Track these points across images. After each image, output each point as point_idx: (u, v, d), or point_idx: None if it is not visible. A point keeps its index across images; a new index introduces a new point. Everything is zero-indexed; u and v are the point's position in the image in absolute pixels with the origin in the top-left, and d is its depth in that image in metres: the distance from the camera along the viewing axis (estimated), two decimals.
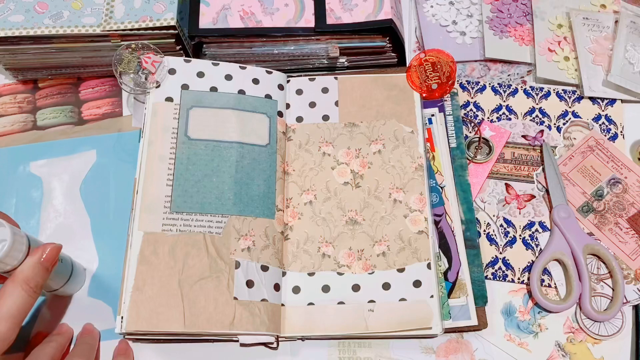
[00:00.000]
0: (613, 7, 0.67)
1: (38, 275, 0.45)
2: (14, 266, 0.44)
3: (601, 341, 0.54)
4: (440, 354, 0.54)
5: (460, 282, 0.54)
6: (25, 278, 0.44)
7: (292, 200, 0.57)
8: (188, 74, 0.59)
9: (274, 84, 0.61)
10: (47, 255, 0.46)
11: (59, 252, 0.47)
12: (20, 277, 0.44)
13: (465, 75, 0.65)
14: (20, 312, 0.43)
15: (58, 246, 0.47)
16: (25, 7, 0.59)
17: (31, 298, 0.44)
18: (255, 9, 0.61)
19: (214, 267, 0.52)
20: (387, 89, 0.61)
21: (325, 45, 0.62)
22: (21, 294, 0.43)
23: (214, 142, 0.56)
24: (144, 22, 0.58)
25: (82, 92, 0.65)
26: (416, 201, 0.56)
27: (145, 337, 0.52)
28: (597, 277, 0.56)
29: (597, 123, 0.62)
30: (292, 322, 0.52)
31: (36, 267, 0.45)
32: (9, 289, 0.44)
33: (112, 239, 0.57)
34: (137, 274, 0.50)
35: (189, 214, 0.53)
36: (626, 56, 0.63)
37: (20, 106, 0.65)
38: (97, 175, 0.60)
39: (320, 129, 0.60)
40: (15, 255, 0.44)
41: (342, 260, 0.54)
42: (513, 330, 0.55)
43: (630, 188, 0.59)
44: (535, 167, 0.61)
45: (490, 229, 0.58)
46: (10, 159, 0.61)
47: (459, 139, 0.60)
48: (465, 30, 0.67)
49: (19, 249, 0.44)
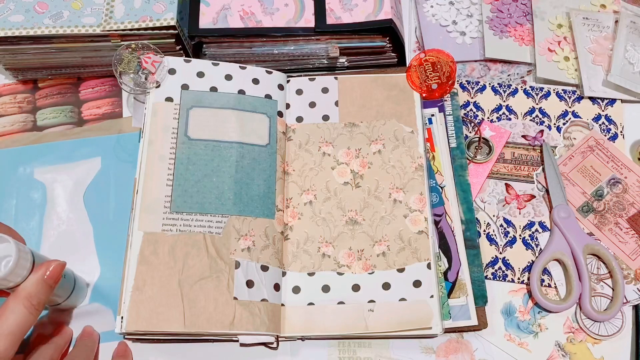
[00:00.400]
0: (613, 7, 0.67)
1: (41, 292, 0.44)
2: (17, 283, 0.44)
3: (601, 341, 0.54)
4: (440, 354, 0.54)
5: (460, 282, 0.54)
6: (28, 295, 0.43)
7: (292, 200, 0.57)
8: (188, 74, 0.59)
9: (274, 84, 0.61)
10: (51, 272, 0.45)
11: (63, 270, 0.46)
12: (22, 294, 0.43)
13: (465, 75, 0.65)
14: (21, 329, 0.43)
15: (62, 263, 0.46)
16: (25, 7, 0.59)
17: (32, 315, 0.44)
18: (255, 9, 0.61)
19: (214, 267, 0.52)
20: (387, 89, 0.61)
21: (325, 45, 0.62)
22: (23, 311, 0.43)
23: (214, 142, 0.56)
24: (144, 22, 0.58)
25: (82, 92, 0.65)
26: (416, 201, 0.56)
27: (145, 337, 0.52)
28: (597, 277, 0.56)
29: (597, 123, 0.62)
30: (292, 322, 0.52)
31: (39, 284, 0.44)
32: (10, 305, 0.43)
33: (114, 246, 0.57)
34: (137, 274, 0.50)
35: (189, 214, 0.53)
36: (626, 56, 0.63)
37: (20, 106, 0.65)
38: (100, 183, 0.60)
39: (320, 129, 0.60)
40: (19, 272, 0.43)
41: (342, 260, 0.54)
42: (513, 330, 0.55)
43: (630, 188, 0.59)
44: (535, 167, 0.61)
45: (490, 229, 0.58)
46: (10, 161, 0.61)
47: (459, 139, 0.60)
48: (465, 30, 0.67)
49: (24, 265, 0.44)
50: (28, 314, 0.43)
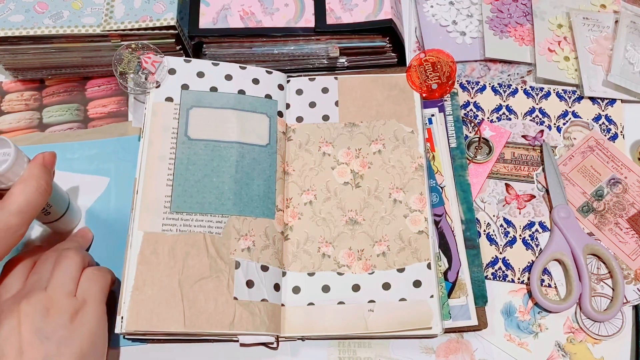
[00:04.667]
0: (613, 7, 0.67)
1: (44, 174, 0.46)
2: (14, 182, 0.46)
3: (601, 341, 0.54)
4: (440, 354, 0.54)
5: (460, 282, 0.54)
6: (33, 176, 0.46)
7: (292, 200, 0.57)
8: (188, 74, 0.59)
9: (274, 84, 0.61)
10: (47, 158, 0.48)
11: (55, 157, 0.49)
12: (26, 176, 0.46)
13: (465, 75, 0.65)
14: (30, 208, 0.45)
15: (52, 152, 0.49)
16: (25, 7, 0.59)
17: (41, 196, 0.46)
18: (255, 9, 0.61)
19: (214, 267, 0.52)
20: (387, 89, 0.61)
21: (325, 45, 0.62)
22: (31, 190, 0.45)
23: (213, 142, 0.56)
24: (144, 22, 0.58)
25: (88, 90, 0.65)
26: (416, 201, 0.56)
27: (145, 337, 0.52)
28: (597, 277, 0.56)
29: (597, 123, 0.62)
30: (292, 322, 0.52)
31: (41, 167, 0.47)
32: (18, 187, 0.45)
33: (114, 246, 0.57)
34: (137, 274, 0.50)
35: (189, 214, 0.53)
36: (626, 56, 0.63)
37: (27, 103, 0.65)
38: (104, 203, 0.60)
39: (320, 129, 0.60)
40: (17, 171, 0.46)
41: (342, 260, 0.54)
42: (513, 330, 0.55)
43: (630, 188, 0.59)
44: (535, 167, 0.61)
45: (490, 229, 0.58)
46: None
47: (459, 139, 0.60)
48: (465, 30, 0.67)
49: (21, 165, 0.46)
50: (37, 194, 0.45)
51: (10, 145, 0.46)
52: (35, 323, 0.43)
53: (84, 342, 0.45)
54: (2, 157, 0.46)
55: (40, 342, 0.42)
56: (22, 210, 0.44)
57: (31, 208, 0.45)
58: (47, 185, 0.47)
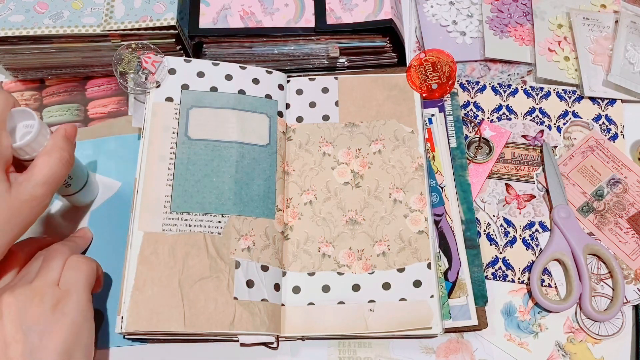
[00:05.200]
0: (613, 7, 0.67)
1: (67, 145, 0.47)
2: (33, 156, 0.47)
3: (601, 341, 0.54)
4: (440, 354, 0.54)
5: (460, 282, 0.54)
6: (55, 147, 0.46)
7: (292, 200, 0.57)
8: (188, 74, 0.59)
9: (274, 84, 0.61)
10: (69, 130, 0.48)
11: (76, 130, 0.50)
12: (50, 147, 0.46)
13: (465, 75, 0.65)
14: (54, 179, 0.46)
15: (74, 124, 0.50)
16: (25, 7, 0.59)
17: (65, 168, 0.47)
18: (255, 9, 0.61)
19: (214, 267, 0.52)
20: (387, 89, 0.61)
21: (325, 45, 0.62)
22: (54, 161, 0.46)
23: (214, 142, 0.56)
24: (144, 22, 0.58)
25: (88, 90, 0.65)
26: (416, 201, 0.56)
27: (145, 337, 0.52)
28: (597, 277, 0.56)
29: (597, 123, 0.62)
30: (292, 322, 0.52)
31: (63, 139, 0.47)
32: (42, 158, 0.46)
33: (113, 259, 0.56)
34: (137, 274, 0.50)
35: (189, 214, 0.53)
36: (626, 56, 0.63)
37: (27, 103, 0.65)
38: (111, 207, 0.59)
39: (320, 129, 0.60)
40: (41, 141, 0.46)
41: (342, 260, 0.54)
42: (513, 330, 0.55)
43: (630, 188, 0.59)
44: (535, 167, 0.61)
45: (490, 229, 0.58)
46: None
47: (459, 139, 0.60)
48: (465, 30, 0.67)
49: (45, 136, 0.47)
50: (61, 164, 0.46)
51: (33, 117, 0.46)
52: (19, 314, 0.42)
53: (67, 333, 0.43)
54: (26, 129, 0.47)
55: (24, 334, 0.42)
56: (47, 181, 0.45)
57: (55, 179, 0.46)
58: (70, 156, 0.48)
